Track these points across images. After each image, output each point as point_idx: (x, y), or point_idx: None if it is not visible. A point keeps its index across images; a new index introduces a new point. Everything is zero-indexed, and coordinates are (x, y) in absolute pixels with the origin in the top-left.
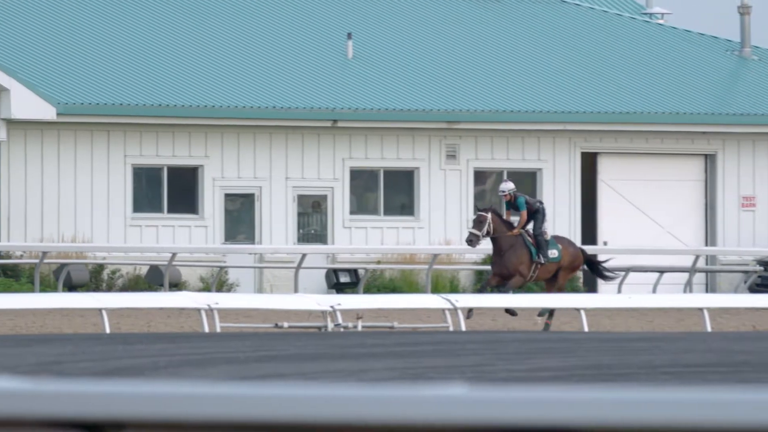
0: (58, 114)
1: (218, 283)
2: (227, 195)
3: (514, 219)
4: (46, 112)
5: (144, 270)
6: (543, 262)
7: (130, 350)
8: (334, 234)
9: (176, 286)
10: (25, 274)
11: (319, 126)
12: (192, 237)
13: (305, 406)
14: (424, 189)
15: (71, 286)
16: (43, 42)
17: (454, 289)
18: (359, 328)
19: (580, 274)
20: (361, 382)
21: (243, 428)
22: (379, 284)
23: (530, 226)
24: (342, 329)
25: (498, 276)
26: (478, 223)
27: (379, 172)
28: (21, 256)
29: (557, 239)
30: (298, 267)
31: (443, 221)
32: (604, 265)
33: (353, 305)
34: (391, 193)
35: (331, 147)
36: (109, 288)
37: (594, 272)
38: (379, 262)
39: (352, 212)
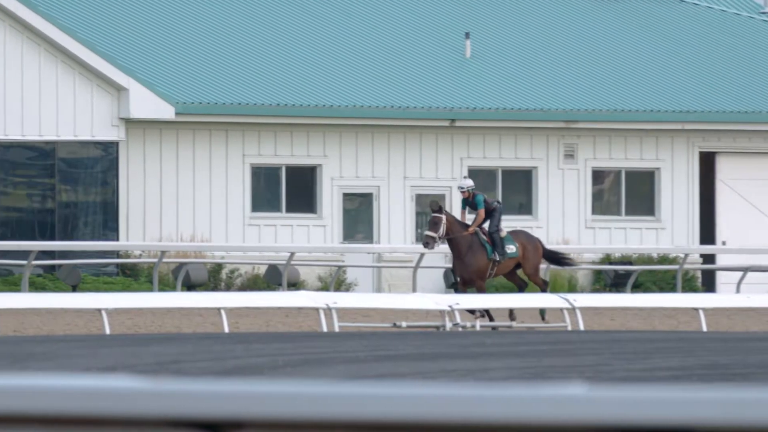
0: (177, 113)
1: (336, 282)
2: (345, 194)
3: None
4: (165, 111)
5: (262, 269)
6: (499, 259)
7: (248, 349)
8: None
9: (294, 285)
10: (143, 273)
11: (437, 125)
12: (310, 236)
13: (423, 406)
14: (542, 188)
15: (190, 286)
16: (162, 41)
17: (572, 288)
18: (477, 328)
19: (698, 274)
20: (479, 382)
21: (360, 428)
22: (497, 283)
23: (486, 225)
24: (460, 329)
25: (462, 280)
26: (433, 224)
27: (497, 171)
28: (140, 256)
29: (514, 234)
30: (417, 266)
31: (561, 221)
32: (562, 256)
33: (471, 305)
34: (509, 192)
35: (449, 146)
36: (228, 287)
37: (554, 262)
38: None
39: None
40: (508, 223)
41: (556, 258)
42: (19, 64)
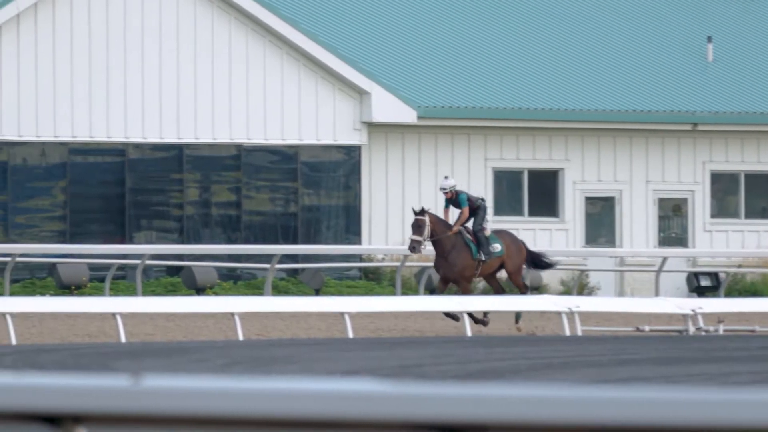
0: (419, 117)
1: (579, 286)
2: (587, 198)
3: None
4: (407, 115)
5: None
6: (484, 259)
7: (490, 353)
8: (695, 237)
9: (537, 289)
10: (386, 277)
11: (679, 129)
12: (552, 240)
13: (667, 410)
14: None
15: (432, 289)
16: (403, 45)
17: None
18: (721, 332)
19: None
20: (723, 386)
21: (603, 430)
22: (741, 288)
23: (470, 224)
24: (703, 333)
25: (444, 280)
26: (417, 227)
27: (740, 175)
28: (382, 260)
29: (498, 234)
30: (659, 270)
31: None
32: (544, 258)
33: (714, 309)
34: (752, 197)
35: (692, 150)
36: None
37: (536, 266)
38: (740, 266)
39: (712, 215)
40: (751, 226)
41: (539, 261)
42: (261, 68)
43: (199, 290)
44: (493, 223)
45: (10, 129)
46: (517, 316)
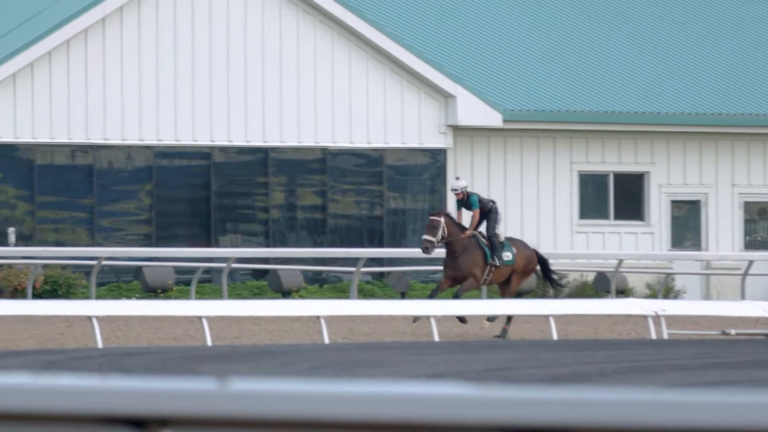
0: (504, 120)
1: (665, 289)
2: (673, 201)
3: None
4: (492, 118)
5: (591, 276)
6: (498, 264)
7: (577, 357)
8: None
9: (623, 292)
10: None
11: (766, 133)
12: (638, 243)
13: (753, 413)
14: None
15: (518, 293)
16: (488, 48)
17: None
18: None
19: None
20: None
21: None
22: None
23: (483, 228)
24: None
25: (451, 279)
26: (432, 228)
27: None
28: None
29: (511, 241)
30: (745, 274)
31: None
32: (553, 273)
33: None
34: None
35: None
36: (556, 294)
37: (545, 277)
38: None
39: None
40: None
41: (548, 273)
42: (347, 71)
43: (285, 293)
44: (578, 226)
45: (96, 132)
46: (494, 317)
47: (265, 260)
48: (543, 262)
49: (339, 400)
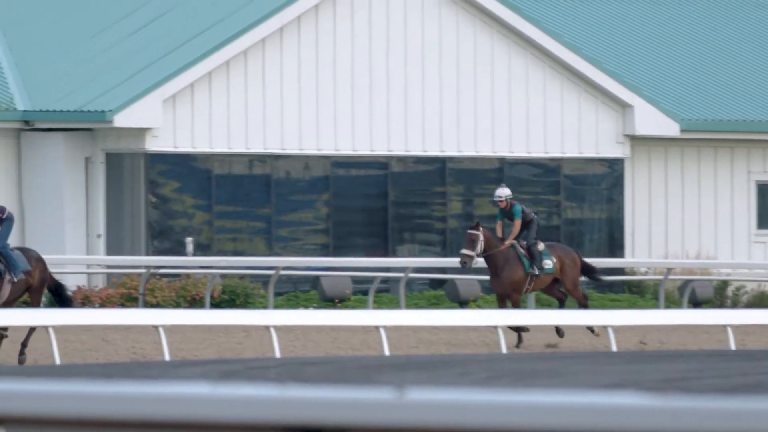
0: (682, 130)
1: None
2: None
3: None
4: (669, 128)
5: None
6: (537, 273)
7: (756, 367)
8: None
9: None
10: (649, 290)
11: None
12: None
13: None
14: None
15: (695, 302)
16: (665, 58)
17: None
18: None
19: None
20: None
21: None
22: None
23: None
24: None
25: (499, 296)
26: (470, 242)
27: None
28: (645, 273)
29: (551, 248)
30: None
31: None
32: (597, 273)
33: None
34: None
35: None
36: (734, 304)
37: (589, 276)
38: None
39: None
40: None
41: (591, 274)
42: (524, 81)
43: (462, 303)
44: (755, 236)
45: (274, 142)
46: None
47: (443, 270)
48: (585, 264)
49: (515, 410)
